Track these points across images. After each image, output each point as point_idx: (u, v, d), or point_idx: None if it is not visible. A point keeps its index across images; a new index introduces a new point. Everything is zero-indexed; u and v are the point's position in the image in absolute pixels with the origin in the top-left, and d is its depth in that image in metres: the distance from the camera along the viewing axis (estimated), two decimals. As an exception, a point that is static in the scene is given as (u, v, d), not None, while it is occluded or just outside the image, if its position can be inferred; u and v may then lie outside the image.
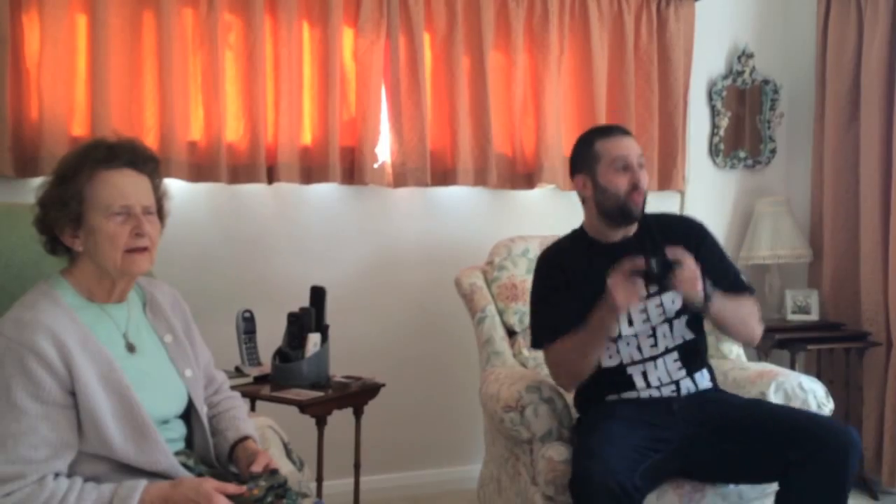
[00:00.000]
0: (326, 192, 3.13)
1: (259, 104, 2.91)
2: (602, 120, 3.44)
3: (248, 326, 2.62)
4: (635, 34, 3.52)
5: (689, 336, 2.20)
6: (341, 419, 2.52)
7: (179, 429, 1.65)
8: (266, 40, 2.94)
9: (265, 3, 2.92)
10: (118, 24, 2.73)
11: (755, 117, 3.88)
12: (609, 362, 2.19)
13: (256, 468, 1.57)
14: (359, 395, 2.53)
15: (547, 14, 3.34)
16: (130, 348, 1.57)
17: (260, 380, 2.54)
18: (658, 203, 3.67)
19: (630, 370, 2.17)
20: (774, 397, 2.66)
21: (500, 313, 2.86)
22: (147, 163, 1.60)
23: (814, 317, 3.58)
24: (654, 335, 2.17)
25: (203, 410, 1.69)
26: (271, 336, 2.63)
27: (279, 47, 2.95)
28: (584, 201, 2.28)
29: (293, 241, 3.10)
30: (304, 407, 2.33)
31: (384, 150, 3.14)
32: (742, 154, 3.85)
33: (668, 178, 3.62)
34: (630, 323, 2.16)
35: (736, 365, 2.94)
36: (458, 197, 3.33)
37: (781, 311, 3.66)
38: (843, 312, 3.57)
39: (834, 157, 3.60)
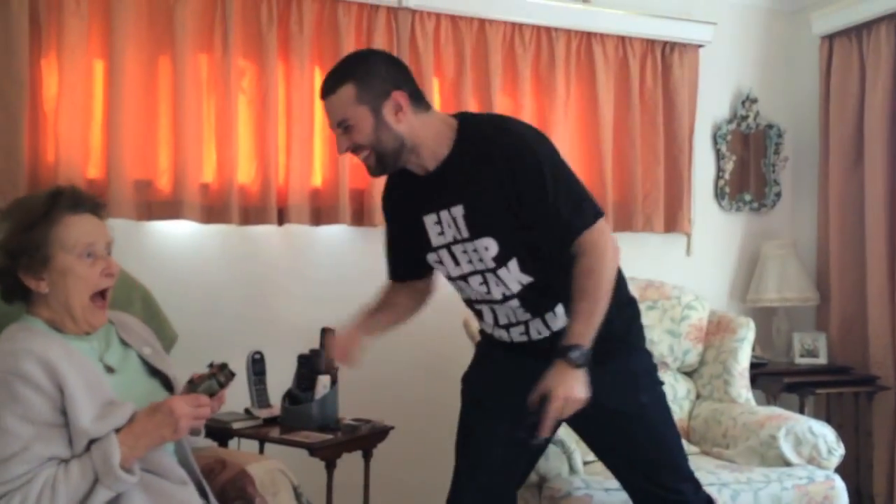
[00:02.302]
0: (336, 233, 3.16)
1: (271, 147, 2.95)
2: (608, 162, 3.48)
3: (257, 368, 2.62)
4: (640, 79, 3.58)
5: (528, 279, 1.84)
6: (351, 462, 2.51)
7: (168, 445, 1.65)
8: (278, 84, 2.99)
9: (278, 49, 2.98)
10: (134, 68, 2.78)
11: (760, 161, 3.92)
12: (460, 293, 2.00)
13: (196, 375, 1.65)
14: (368, 437, 2.52)
15: (553, 59, 3.40)
16: (109, 370, 1.61)
17: (269, 422, 2.53)
18: (665, 245, 3.71)
19: (478, 306, 1.96)
20: (785, 442, 2.66)
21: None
22: (103, 209, 1.67)
23: (822, 360, 3.57)
24: (485, 283, 1.87)
25: None
26: (281, 378, 2.63)
27: (291, 91, 3.00)
28: None
29: (303, 282, 3.12)
30: (313, 450, 2.32)
31: (393, 193, 3.17)
32: (747, 197, 3.88)
33: (673, 220, 3.64)
34: (456, 263, 1.87)
35: (745, 409, 2.94)
36: (467, 239, 3.35)
37: (789, 355, 3.66)
38: (852, 356, 3.56)
39: (839, 200, 3.63)
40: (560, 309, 1.88)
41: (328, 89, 1.77)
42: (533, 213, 1.78)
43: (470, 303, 1.99)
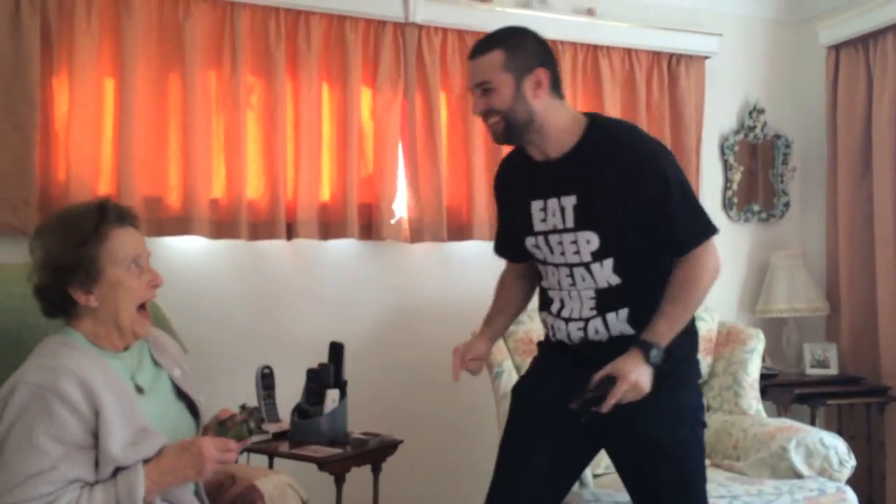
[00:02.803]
0: (344, 247, 3.17)
1: (279, 162, 2.98)
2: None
3: (266, 382, 2.63)
4: (647, 91, 3.59)
5: (615, 281, 1.87)
6: (360, 476, 2.51)
7: None
8: (287, 100, 3.01)
9: (287, 65, 3.00)
10: (145, 86, 2.81)
11: (768, 171, 3.92)
12: (540, 278, 2.03)
13: (225, 414, 1.67)
14: (377, 451, 2.52)
15: (560, 72, 3.40)
16: (139, 390, 1.61)
17: (278, 436, 2.54)
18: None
19: (552, 294, 1.98)
20: (796, 453, 2.65)
21: (517, 368, 2.86)
22: (137, 221, 1.70)
23: (832, 371, 3.55)
24: (571, 275, 1.90)
25: None
26: (290, 392, 2.64)
27: (299, 107, 3.03)
28: None
29: (312, 296, 3.13)
30: (322, 464, 2.33)
31: (401, 206, 3.19)
32: (756, 208, 3.88)
33: (682, 231, 3.64)
34: (550, 250, 1.91)
35: (756, 421, 2.93)
36: (475, 252, 3.35)
37: (800, 365, 3.64)
38: (863, 366, 3.54)
39: (848, 210, 3.62)
40: (625, 312, 1.88)
41: (478, 50, 1.84)
42: (649, 219, 1.81)
43: (544, 292, 2.02)
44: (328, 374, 2.57)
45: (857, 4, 3.58)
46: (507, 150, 2.07)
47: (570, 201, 1.84)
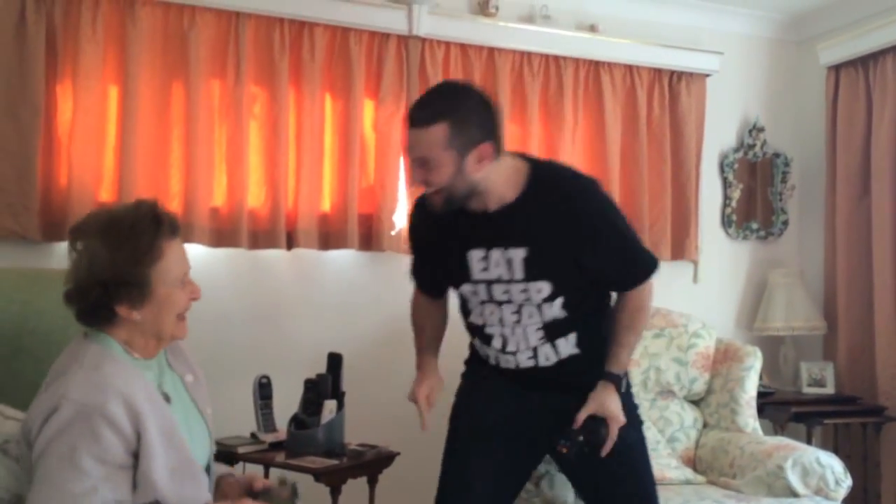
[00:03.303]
0: (344, 258, 3.18)
1: (281, 172, 2.99)
2: (616, 189, 3.49)
3: (264, 392, 2.63)
4: (648, 107, 3.60)
5: (561, 315, 1.89)
6: (356, 488, 2.51)
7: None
8: (289, 111, 3.03)
9: (290, 76, 3.02)
10: (148, 94, 2.82)
11: (767, 189, 3.93)
12: (473, 319, 2.01)
13: (259, 485, 1.64)
14: (374, 463, 2.52)
15: (561, 87, 3.43)
16: (167, 398, 1.58)
17: (275, 446, 2.53)
18: (671, 272, 3.71)
19: (489, 330, 1.97)
20: (792, 472, 2.65)
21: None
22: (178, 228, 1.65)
23: (829, 390, 3.55)
24: (519, 312, 1.90)
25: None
26: (287, 402, 2.63)
27: (302, 118, 3.04)
28: None
29: (311, 306, 3.13)
30: (318, 475, 2.32)
31: (401, 218, 3.19)
32: (754, 225, 3.89)
33: (680, 247, 3.65)
34: (490, 296, 1.89)
35: (752, 439, 2.93)
36: (474, 264, 3.36)
37: (797, 384, 3.65)
38: (859, 385, 3.55)
39: (846, 229, 3.63)
40: (573, 337, 1.93)
41: (420, 121, 1.72)
42: (599, 264, 1.86)
43: (479, 328, 1.99)
44: (326, 384, 2.57)
45: (858, 26, 3.61)
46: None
47: (518, 253, 1.82)
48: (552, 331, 1.91)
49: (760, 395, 3.21)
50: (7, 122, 2.64)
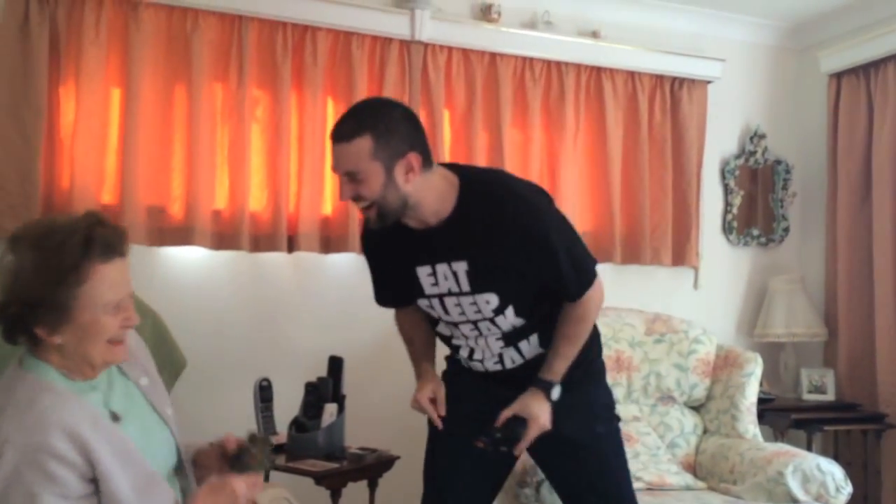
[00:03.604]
0: (345, 261, 3.18)
1: (282, 175, 2.99)
2: (617, 195, 3.50)
3: (265, 395, 2.63)
4: (649, 114, 3.61)
5: (519, 322, 1.90)
6: (356, 491, 2.50)
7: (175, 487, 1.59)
8: (292, 114, 3.03)
9: (292, 79, 3.02)
10: (151, 97, 2.83)
11: (768, 196, 3.94)
12: (437, 328, 2.03)
13: (232, 445, 1.59)
14: (374, 467, 2.51)
15: (563, 93, 3.44)
16: (114, 417, 1.48)
17: (276, 449, 2.53)
18: (672, 278, 3.72)
19: (455, 341, 2.01)
20: (792, 479, 2.65)
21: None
22: (127, 245, 1.49)
23: (829, 396, 3.55)
24: (476, 327, 1.91)
25: (185, 456, 1.65)
26: (288, 405, 2.63)
27: (304, 121, 3.05)
28: None
29: (312, 309, 3.13)
30: (319, 478, 2.32)
31: (403, 222, 3.20)
32: (755, 232, 3.89)
33: (681, 254, 3.65)
34: (445, 311, 1.90)
35: (753, 445, 2.93)
36: (475, 269, 3.36)
37: (797, 391, 3.64)
38: (860, 392, 3.54)
39: (847, 236, 3.64)
40: (534, 338, 1.94)
41: (343, 135, 1.71)
42: (538, 275, 1.84)
43: (446, 338, 2.04)
44: (327, 387, 2.57)
45: (859, 34, 3.61)
46: None
47: (461, 266, 1.82)
48: (512, 337, 1.93)
49: (761, 401, 3.21)
50: (10, 123, 2.64)
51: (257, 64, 2.99)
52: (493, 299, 1.84)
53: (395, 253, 1.91)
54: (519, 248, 1.78)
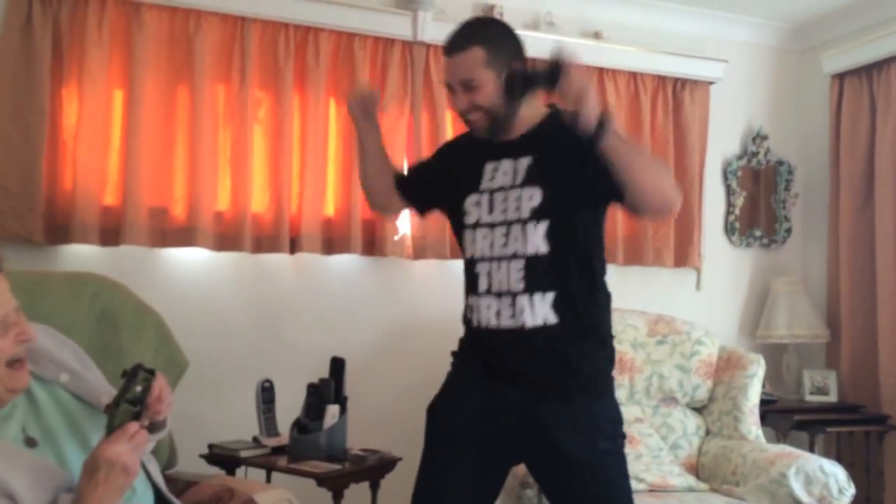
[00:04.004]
0: (347, 263, 3.18)
1: (285, 176, 2.99)
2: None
3: (267, 396, 2.62)
4: (651, 114, 3.61)
5: (544, 249, 1.83)
6: (358, 493, 2.50)
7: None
8: (294, 116, 3.03)
9: (294, 80, 3.02)
10: (153, 98, 2.83)
11: (770, 197, 3.93)
12: (467, 253, 1.96)
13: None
14: (376, 468, 2.51)
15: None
16: (30, 443, 1.43)
17: (277, 451, 2.53)
18: (675, 280, 3.72)
19: (478, 267, 1.91)
20: (795, 480, 2.64)
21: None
22: (2, 262, 1.45)
23: (832, 398, 3.55)
24: (507, 234, 1.87)
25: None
26: (290, 406, 2.63)
27: (306, 122, 3.05)
28: None
29: (314, 311, 3.13)
30: (321, 480, 2.32)
31: (404, 223, 3.20)
32: (757, 233, 3.89)
33: (684, 255, 3.65)
34: (490, 209, 1.89)
35: (755, 446, 2.92)
36: (477, 270, 3.37)
37: (799, 392, 3.64)
38: (862, 394, 3.54)
39: (850, 237, 3.63)
40: (550, 296, 1.83)
41: (457, 47, 1.85)
42: (597, 175, 1.78)
43: (470, 266, 1.94)
44: (329, 389, 2.57)
45: (862, 34, 3.61)
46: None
47: (525, 161, 1.87)
48: (533, 277, 1.84)
49: (763, 402, 3.20)
50: (12, 124, 2.65)
51: (259, 65, 2.99)
52: (536, 195, 1.83)
53: (469, 154, 1.96)
54: (575, 152, 1.77)
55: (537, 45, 3.37)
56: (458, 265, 3.29)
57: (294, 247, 3.02)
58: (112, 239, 2.76)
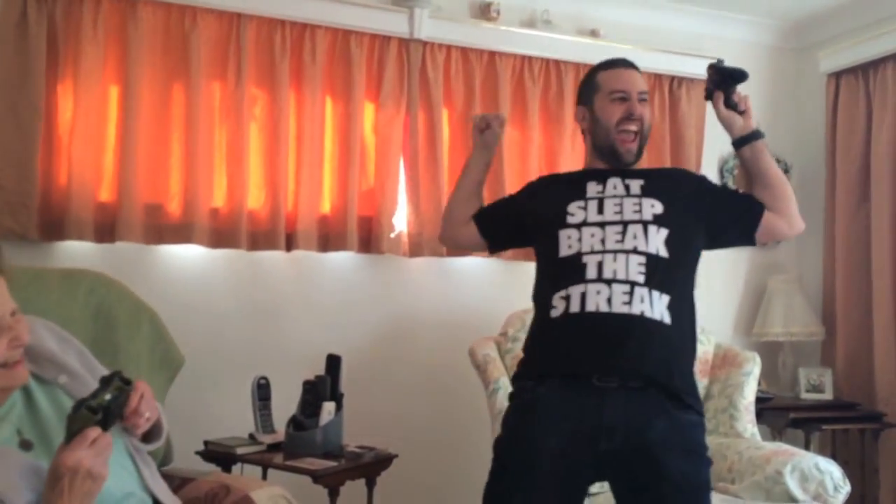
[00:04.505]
0: (343, 260, 3.17)
1: (281, 174, 2.98)
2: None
3: (262, 393, 2.62)
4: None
5: (664, 253, 1.82)
6: (354, 490, 2.50)
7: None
8: (290, 113, 3.03)
9: (291, 78, 3.02)
10: (149, 95, 2.82)
11: (766, 195, 3.93)
12: (567, 251, 1.87)
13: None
14: (372, 465, 2.51)
15: (562, 92, 3.44)
16: (25, 445, 1.43)
17: (273, 448, 2.53)
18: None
19: (586, 258, 1.82)
20: (791, 478, 2.64)
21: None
22: (4, 262, 1.46)
23: (827, 396, 3.55)
24: (623, 232, 1.85)
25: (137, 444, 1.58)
26: (286, 403, 2.63)
27: (302, 120, 3.04)
28: (583, 135, 2.14)
29: (310, 308, 3.13)
30: (317, 477, 2.32)
31: (401, 221, 3.20)
32: (754, 231, 3.89)
33: (680, 253, 3.65)
34: (600, 210, 1.89)
35: (751, 444, 2.93)
36: (473, 267, 3.37)
37: (795, 390, 3.65)
38: (858, 392, 3.55)
39: (845, 235, 3.64)
40: (667, 298, 1.79)
41: (633, 64, 2.08)
42: (720, 199, 2.06)
43: (568, 262, 1.84)
44: (325, 386, 2.57)
45: (858, 33, 3.62)
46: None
47: (636, 182, 1.95)
48: (653, 273, 1.79)
49: (759, 400, 3.20)
50: (7, 121, 2.64)
51: (256, 62, 2.99)
52: (658, 205, 1.90)
53: (564, 182, 2.08)
54: (690, 184, 2.05)
55: (534, 43, 3.41)
56: (455, 262, 3.33)
57: (290, 244, 3.01)
58: (107, 236, 2.75)
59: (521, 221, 2.08)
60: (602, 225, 1.87)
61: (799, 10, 3.78)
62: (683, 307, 1.87)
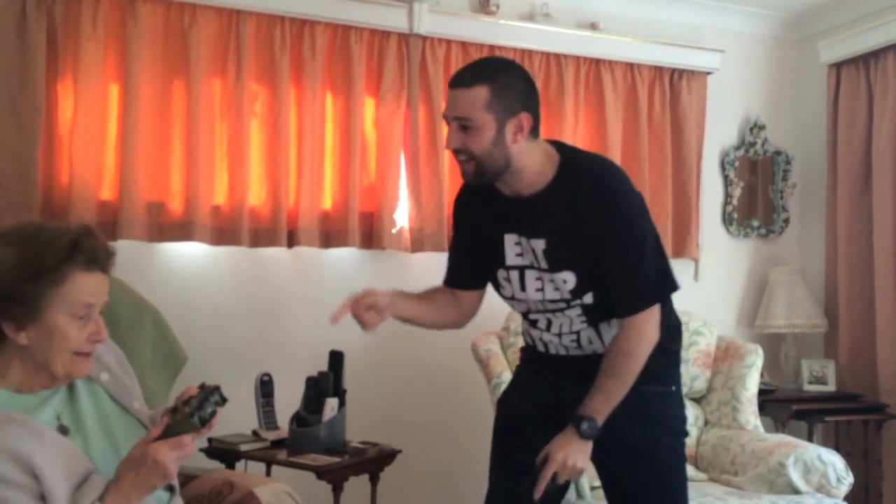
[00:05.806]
0: (345, 256, 3.17)
1: (282, 170, 2.98)
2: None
3: (265, 390, 2.63)
4: (649, 105, 3.60)
5: (589, 300, 1.82)
6: (358, 485, 2.51)
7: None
8: (290, 109, 3.02)
9: (291, 74, 3.01)
10: (149, 92, 2.82)
11: (768, 187, 3.93)
12: (518, 306, 1.93)
13: (192, 389, 1.47)
14: (375, 461, 2.52)
15: (562, 85, 3.43)
16: (63, 430, 1.46)
17: (277, 444, 2.54)
18: (673, 270, 3.70)
19: (534, 316, 1.90)
20: (794, 469, 2.65)
21: (516, 380, 2.86)
22: (111, 263, 1.51)
23: (830, 387, 3.55)
24: (553, 311, 1.87)
25: None
26: (289, 399, 2.63)
27: (303, 116, 3.04)
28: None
29: (312, 304, 3.13)
30: (320, 473, 2.32)
31: (402, 216, 3.20)
32: (755, 223, 3.89)
33: (682, 245, 3.65)
34: (523, 288, 1.85)
35: (754, 436, 2.93)
36: (475, 262, 3.36)
37: (798, 382, 3.65)
38: (860, 383, 3.55)
39: (847, 227, 3.63)
40: (612, 323, 1.84)
41: (462, 82, 1.72)
42: (604, 266, 1.76)
43: (525, 313, 1.94)
44: (327, 382, 2.58)
45: (859, 23, 3.61)
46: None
47: (539, 244, 1.79)
48: (594, 314, 1.82)
49: (761, 392, 3.21)
50: (8, 119, 2.64)
51: (255, 58, 2.98)
52: (570, 279, 1.78)
53: (484, 217, 1.88)
54: (596, 233, 1.74)
55: (534, 37, 3.41)
56: (456, 257, 3.32)
57: (292, 240, 3.01)
58: (109, 234, 2.75)
59: (480, 259, 1.94)
60: (536, 302, 1.86)
61: (799, 1, 3.77)
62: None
